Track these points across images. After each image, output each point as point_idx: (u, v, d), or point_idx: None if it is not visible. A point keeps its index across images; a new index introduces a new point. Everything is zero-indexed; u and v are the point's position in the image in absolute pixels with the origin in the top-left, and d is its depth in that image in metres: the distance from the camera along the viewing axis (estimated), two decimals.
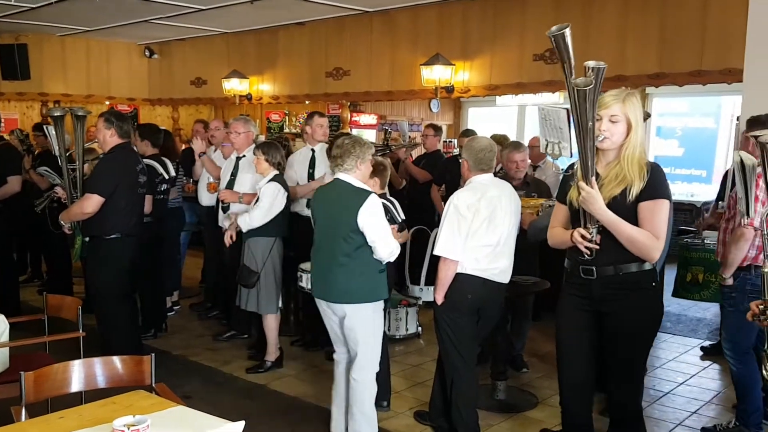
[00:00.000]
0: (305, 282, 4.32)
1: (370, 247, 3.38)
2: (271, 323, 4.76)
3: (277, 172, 4.67)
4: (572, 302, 2.93)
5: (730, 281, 3.63)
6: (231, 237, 4.73)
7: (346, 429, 3.62)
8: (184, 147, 7.55)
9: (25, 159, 6.38)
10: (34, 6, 7.54)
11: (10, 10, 7.79)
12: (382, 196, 3.96)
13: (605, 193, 2.72)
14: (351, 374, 3.50)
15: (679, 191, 9.52)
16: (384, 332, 3.66)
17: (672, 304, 6.63)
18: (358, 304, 3.42)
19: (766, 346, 2.28)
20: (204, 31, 9.62)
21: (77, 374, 2.67)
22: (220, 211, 5.26)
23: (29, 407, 2.50)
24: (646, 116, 5.56)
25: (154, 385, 2.72)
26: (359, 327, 3.44)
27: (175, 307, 6.30)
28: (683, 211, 8.73)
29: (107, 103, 10.69)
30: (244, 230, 4.64)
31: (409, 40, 7.90)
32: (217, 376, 4.77)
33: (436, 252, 3.48)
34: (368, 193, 3.42)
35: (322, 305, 3.58)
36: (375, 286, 3.47)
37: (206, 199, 5.74)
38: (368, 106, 10.19)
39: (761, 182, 3.34)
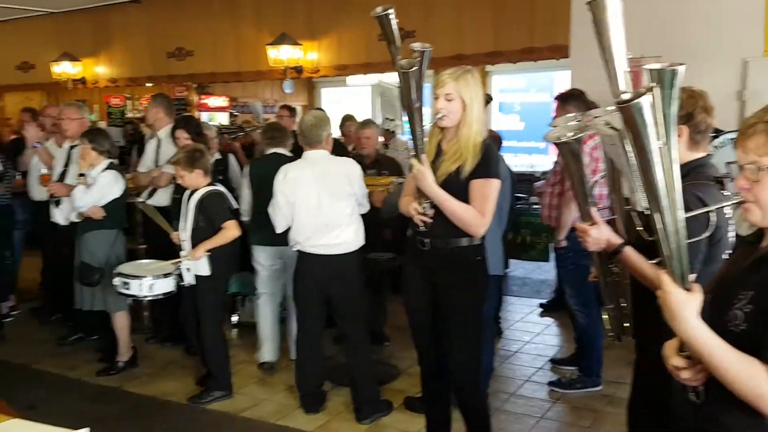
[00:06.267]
0: (136, 289, 3.91)
1: None
2: (121, 321, 4.51)
3: (111, 160, 4.41)
4: (414, 271, 3.04)
5: (564, 243, 3.93)
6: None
7: None
8: (13, 137, 6.88)
9: None
10: None
11: None
12: (210, 185, 3.96)
13: (443, 169, 2.83)
14: None
15: (520, 163, 10.13)
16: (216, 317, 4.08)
17: (517, 269, 7.10)
18: None
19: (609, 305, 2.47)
20: (27, 11, 8.79)
21: None
22: (52, 206, 4.89)
23: None
24: (488, 99, 5.86)
25: None
26: None
27: (12, 313, 5.78)
28: (524, 182, 9.31)
29: None
30: (64, 221, 4.59)
31: (253, 20, 7.72)
32: (63, 383, 4.45)
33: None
34: None
35: None
36: None
37: (38, 193, 5.30)
38: (218, 88, 9.85)
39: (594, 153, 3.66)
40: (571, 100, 3.93)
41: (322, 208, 3.65)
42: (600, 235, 2.18)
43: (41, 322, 5.69)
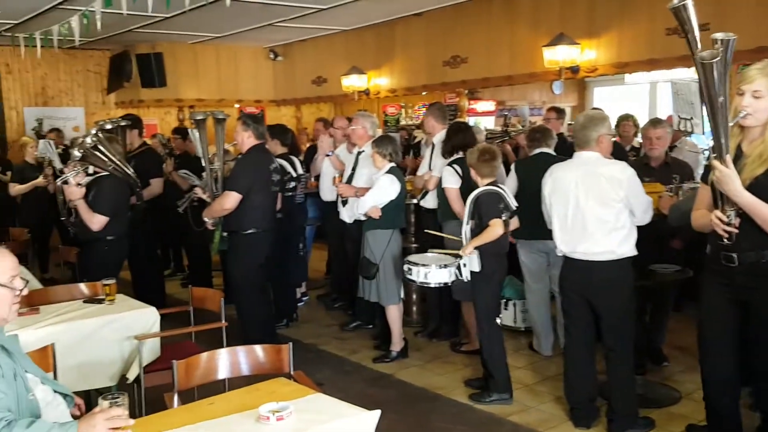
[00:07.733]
0: (415, 275, 4.23)
1: None
2: (394, 314, 4.81)
3: (392, 164, 4.73)
4: (714, 290, 2.76)
5: None
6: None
7: None
8: (309, 145, 7.75)
9: (167, 161, 6.81)
10: (168, 15, 8.03)
11: (147, 20, 8.34)
12: (491, 184, 4.03)
13: (747, 173, 2.55)
14: None
15: None
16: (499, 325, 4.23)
17: None
18: None
19: None
20: (324, 30, 9.84)
21: (223, 362, 2.82)
22: (340, 205, 5.40)
23: (179, 394, 2.67)
24: None
25: (292, 372, 2.82)
26: None
27: (303, 298, 6.53)
28: None
29: (236, 106, 11.20)
30: (349, 219, 5.07)
31: (530, 22, 7.66)
32: (345, 365, 4.89)
33: None
34: None
35: None
36: None
37: (328, 194, 5.90)
38: (486, 93, 10.00)
39: None
40: None
41: (581, 211, 3.50)
42: None
43: (326, 308, 6.35)
